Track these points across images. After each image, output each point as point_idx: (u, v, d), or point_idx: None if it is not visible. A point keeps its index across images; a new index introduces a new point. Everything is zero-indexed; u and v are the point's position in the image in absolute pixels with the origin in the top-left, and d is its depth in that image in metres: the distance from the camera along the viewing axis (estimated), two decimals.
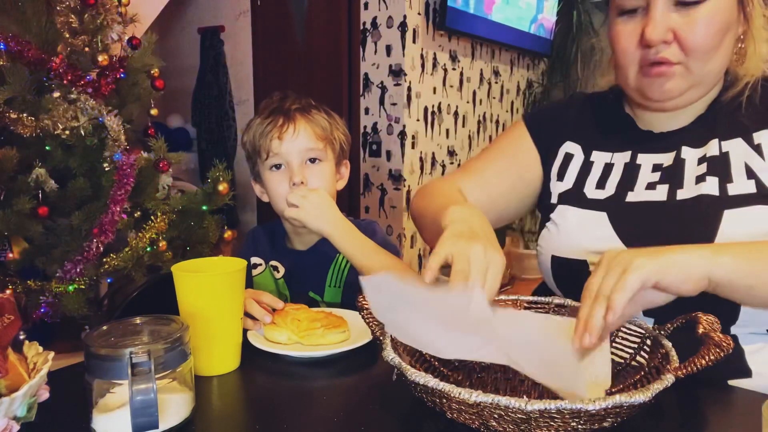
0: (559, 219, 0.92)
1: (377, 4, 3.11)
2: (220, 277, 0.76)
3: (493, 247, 0.71)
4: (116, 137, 1.94)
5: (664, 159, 0.88)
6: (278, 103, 1.13)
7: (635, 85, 0.87)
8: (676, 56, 0.81)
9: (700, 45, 0.80)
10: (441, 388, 0.54)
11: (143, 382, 0.55)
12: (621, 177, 0.90)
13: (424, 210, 0.98)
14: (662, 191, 0.85)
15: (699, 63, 0.82)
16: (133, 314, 0.66)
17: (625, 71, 0.87)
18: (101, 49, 2.02)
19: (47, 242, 1.94)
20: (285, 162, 1.09)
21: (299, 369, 0.78)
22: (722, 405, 0.68)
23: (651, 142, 0.91)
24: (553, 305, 0.80)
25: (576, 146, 0.98)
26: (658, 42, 0.80)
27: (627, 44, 0.85)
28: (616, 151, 0.93)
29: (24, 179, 1.84)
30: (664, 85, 0.83)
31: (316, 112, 1.13)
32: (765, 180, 0.80)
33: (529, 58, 4.27)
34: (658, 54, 0.82)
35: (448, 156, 3.56)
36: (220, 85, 3.83)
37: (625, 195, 0.88)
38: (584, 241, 0.87)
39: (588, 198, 0.91)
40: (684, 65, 0.82)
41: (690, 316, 0.63)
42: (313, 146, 1.09)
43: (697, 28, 0.80)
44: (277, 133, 1.08)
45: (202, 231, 2.17)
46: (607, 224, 0.86)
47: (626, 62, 0.86)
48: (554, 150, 1.00)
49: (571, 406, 0.50)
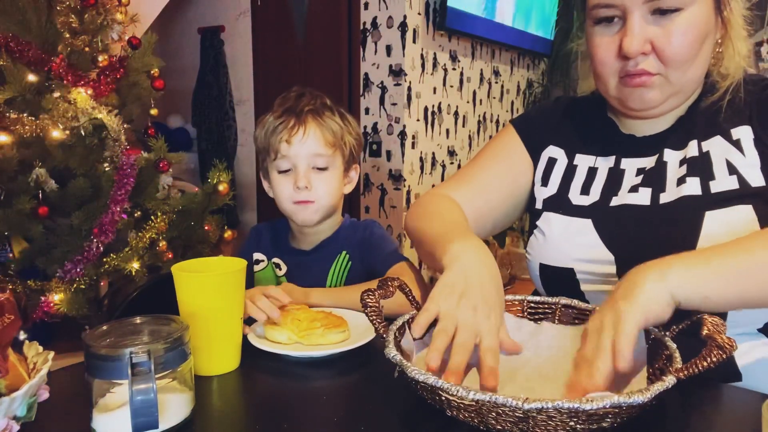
0: (544, 226, 0.92)
1: (377, 4, 3.11)
2: (220, 277, 0.76)
3: (485, 304, 0.69)
4: (116, 137, 1.94)
5: (646, 162, 0.88)
6: (293, 101, 1.12)
7: (615, 94, 0.87)
8: (655, 67, 0.81)
9: (679, 55, 0.80)
10: (440, 386, 0.55)
11: (143, 382, 0.55)
12: (605, 182, 0.90)
13: (421, 234, 0.91)
14: (645, 195, 0.84)
15: (678, 73, 0.82)
16: (133, 314, 0.66)
17: (604, 81, 0.87)
18: (101, 49, 2.02)
19: (47, 242, 1.94)
20: (292, 165, 1.09)
21: (299, 369, 0.78)
22: (722, 405, 0.68)
23: (634, 146, 0.90)
24: (560, 305, 0.80)
25: (559, 150, 0.97)
26: (636, 54, 0.80)
27: (605, 55, 0.84)
28: (600, 155, 0.93)
29: (24, 179, 1.85)
30: (644, 95, 0.83)
31: (330, 115, 1.11)
32: (746, 175, 0.79)
33: (529, 58, 4.27)
34: (637, 66, 0.81)
35: (448, 156, 3.56)
36: (220, 85, 3.84)
37: (609, 200, 0.88)
38: (570, 249, 0.87)
39: (572, 204, 0.91)
40: (663, 76, 0.82)
41: (695, 318, 0.63)
42: (322, 152, 1.09)
43: (674, 38, 0.79)
44: (286, 136, 1.07)
45: (202, 231, 2.18)
46: (592, 231, 0.86)
47: (605, 73, 0.85)
48: (538, 154, 0.99)
49: (569, 405, 0.50)
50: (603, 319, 0.63)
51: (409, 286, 0.78)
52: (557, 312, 0.80)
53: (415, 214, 0.98)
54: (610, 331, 0.62)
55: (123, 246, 1.97)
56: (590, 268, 0.86)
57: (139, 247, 1.96)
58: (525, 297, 0.82)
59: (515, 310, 0.81)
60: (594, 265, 0.85)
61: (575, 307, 0.79)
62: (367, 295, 0.70)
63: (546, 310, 0.81)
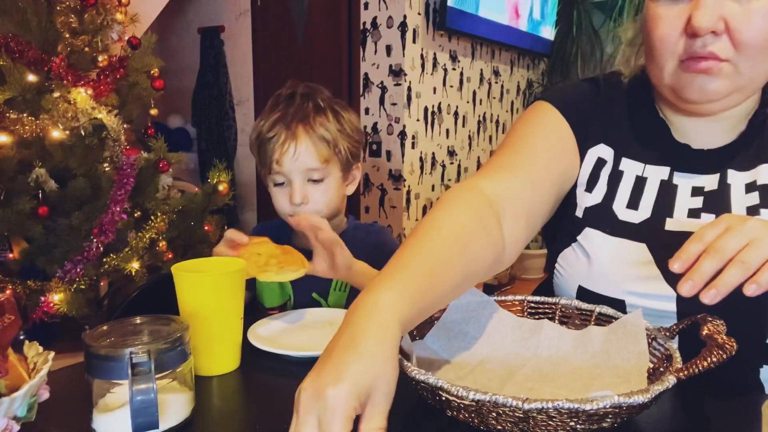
0: (587, 245, 0.80)
1: (377, 4, 3.11)
2: (220, 277, 0.76)
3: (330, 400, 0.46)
4: (116, 137, 1.94)
5: (705, 182, 0.77)
6: (284, 106, 1.07)
7: (671, 81, 0.74)
8: (725, 52, 0.68)
9: (756, 40, 0.67)
10: (440, 386, 0.54)
11: (143, 382, 0.55)
12: (656, 197, 0.78)
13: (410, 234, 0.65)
14: (708, 222, 0.68)
15: (750, 63, 0.69)
16: (133, 314, 0.66)
17: (660, 63, 0.73)
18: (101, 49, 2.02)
19: (47, 242, 1.94)
20: (287, 180, 1.06)
21: (299, 369, 0.78)
22: (722, 405, 0.68)
23: (689, 159, 0.78)
24: (560, 305, 0.79)
25: (609, 150, 0.83)
26: (706, 31, 0.67)
27: (667, 31, 0.71)
28: (650, 163, 0.80)
29: (24, 179, 1.85)
30: (707, 85, 0.70)
31: (322, 120, 1.06)
32: None
33: (529, 58, 4.27)
34: (705, 47, 0.68)
35: (448, 156, 3.56)
36: (220, 85, 3.84)
37: (663, 221, 0.76)
38: (623, 280, 0.76)
39: (619, 220, 0.79)
40: (732, 63, 0.69)
41: (694, 318, 0.63)
42: (316, 166, 1.05)
43: (755, 18, 0.66)
44: (277, 153, 1.04)
45: (202, 231, 2.18)
46: (649, 260, 0.75)
47: (664, 52, 0.72)
48: (586, 150, 0.84)
49: (569, 405, 0.50)
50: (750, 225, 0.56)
51: None
52: (557, 312, 0.80)
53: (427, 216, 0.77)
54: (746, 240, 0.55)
55: (123, 246, 1.97)
56: (645, 303, 0.75)
57: (139, 247, 1.96)
58: (525, 297, 0.82)
59: (515, 310, 0.81)
60: (650, 301, 0.75)
61: (576, 307, 0.78)
62: None
63: (546, 310, 0.81)
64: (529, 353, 0.73)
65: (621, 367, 0.66)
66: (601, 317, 0.75)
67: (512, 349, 0.74)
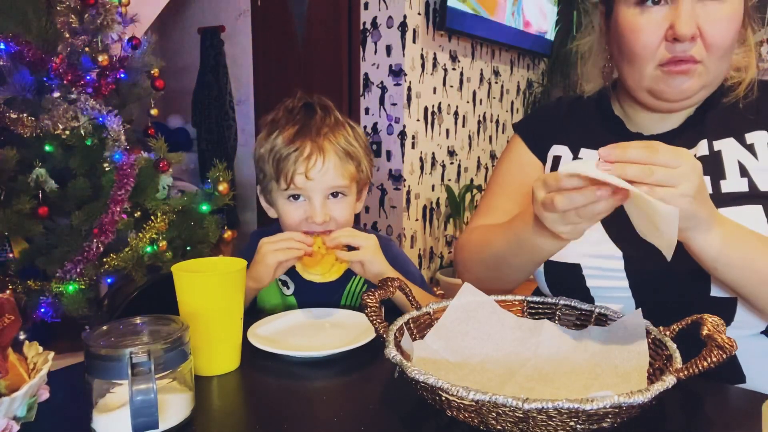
0: None
1: (377, 4, 3.11)
2: (220, 277, 0.76)
3: None
4: (116, 137, 1.95)
5: None
6: (303, 118, 1.00)
7: (649, 83, 0.82)
8: (700, 54, 0.78)
9: (722, 42, 0.78)
10: (440, 386, 0.54)
11: (143, 382, 0.55)
12: None
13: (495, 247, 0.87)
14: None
15: (716, 62, 0.79)
16: (133, 314, 0.66)
17: (640, 68, 0.82)
18: (101, 49, 2.02)
19: (47, 242, 1.94)
20: (306, 196, 0.98)
21: (299, 369, 0.78)
22: (722, 405, 0.68)
23: None
24: (561, 306, 0.80)
25: (563, 147, 0.96)
26: (688, 37, 0.76)
27: (651, 39, 0.79)
28: None
29: (24, 179, 1.85)
30: (684, 84, 0.80)
31: (345, 134, 1.00)
32: (757, 180, 0.79)
33: (529, 58, 4.27)
34: (685, 51, 0.78)
35: (448, 156, 3.56)
36: (220, 85, 3.84)
37: None
38: (577, 245, 0.82)
39: None
40: (704, 64, 0.79)
41: (695, 317, 0.63)
42: (341, 183, 0.98)
43: (721, 24, 0.77)
44: (302, 168, 0.95)
45: (202, 231, 2.18)
46: (599, 226, 0.85)
47: (645, 57, 0.80)
48: (544, 155, 0.98)
49: (569, 405, 0.50)
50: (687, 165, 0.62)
51: (409, 287, 0.78)
52: (557, 312, 0.80)
53: (469, 251, 0.96)
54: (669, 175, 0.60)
55: (123, 246, 1.97)
56: (597, 263, 0.85)
57: (139, 247, 1.96)
58: (525, 297, 0.82)
59: (515, 310, 0.81)
60: (601, 260, 0.85)
61: (576, 307, 0.79)
62: (367, 295, 0.70)
63: (546, 311, 0.81)
64: (529, 353, 0.73)
65: (621, 367, 0.66)
66: (601, 317, 0.75)
67: (512, 349, 0.75)
